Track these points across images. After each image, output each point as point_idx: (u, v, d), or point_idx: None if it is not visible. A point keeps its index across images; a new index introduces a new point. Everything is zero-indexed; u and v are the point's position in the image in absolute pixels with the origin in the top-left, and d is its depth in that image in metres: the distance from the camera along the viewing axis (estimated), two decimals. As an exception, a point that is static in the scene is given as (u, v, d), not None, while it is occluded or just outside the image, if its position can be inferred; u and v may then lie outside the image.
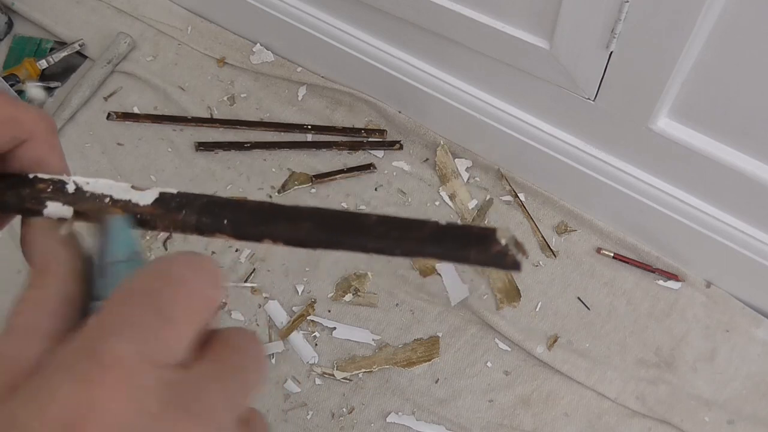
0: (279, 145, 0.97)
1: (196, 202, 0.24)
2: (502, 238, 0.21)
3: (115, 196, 0.24)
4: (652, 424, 0.77)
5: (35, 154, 0.25)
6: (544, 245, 0.87)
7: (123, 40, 1.07)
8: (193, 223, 0.24)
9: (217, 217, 0.24)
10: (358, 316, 0.86)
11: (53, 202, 0.24)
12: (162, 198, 0.24)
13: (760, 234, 0.71)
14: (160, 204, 0.24)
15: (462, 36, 0.72)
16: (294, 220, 0.23)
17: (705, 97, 0.59)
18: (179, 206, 0.24)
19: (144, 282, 0.20)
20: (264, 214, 0.24)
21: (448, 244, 0.22)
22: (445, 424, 0.79)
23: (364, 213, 0.23)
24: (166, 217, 0.24)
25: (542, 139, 0.79)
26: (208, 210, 0.24)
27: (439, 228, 0.22)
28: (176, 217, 0.24)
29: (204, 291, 0.20)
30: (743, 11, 0.49)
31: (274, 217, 0.24)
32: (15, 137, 0.24)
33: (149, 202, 0.24)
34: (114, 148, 1.01)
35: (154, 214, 0.24)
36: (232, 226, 0.24)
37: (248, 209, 0.24)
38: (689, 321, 0.80)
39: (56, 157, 0.25)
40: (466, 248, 0.22)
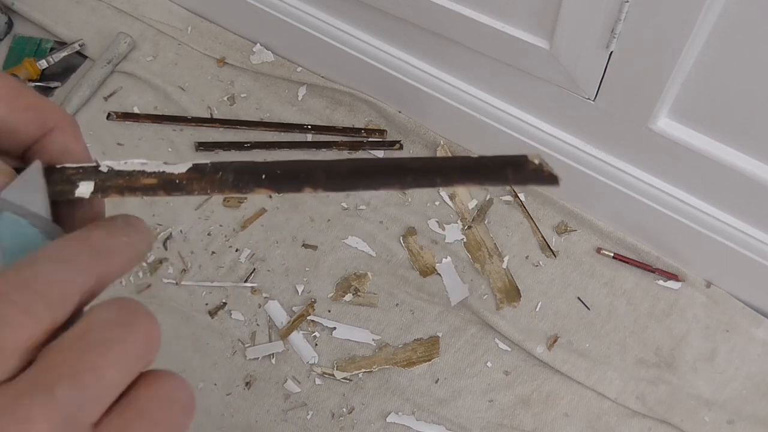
0: (279, 145, 0.97)
1: (231, 166, 0.25)
2: (534, 159, 0.22)
3: (147, 170, 0.25)
4: (652, 424, 0.77)
5: (62, 143, 0.25)
6: (544, 245, 0.87)
7: (123, 40, 1.07)
8: (231, 181, 0.24)
9: (253, 173, 0.24)
10: (358, 316, 0.86)
11: (85, 182, 0.25)
12: (196, 167, 0.25)
13: (760, 234, 0.71)
14: (195, 170, 0.25)
15: (462, 36, 0.72)
16: (330, 164, 0.24)
17: (705, 97, 0.59)
18: (215, 169, 0.25)
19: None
20: (299, 166, 0.24)
21: (485, 168, 0.23)
22: (445, 424, 0.79)
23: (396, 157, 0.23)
24: (203, 179, 0.25)
25: (542, 139, 0.79)
26: (243, 169, 0.24)
27: (472, 159, 0.23)
28: (213, 177, 0.25)
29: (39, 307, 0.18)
30: (743, 11, 0.49)
31: (311, 168, 0.24)
32: (44, 124, 0.24)
33: (184, 171, 0.25)
34: (114, 148, 1.01)
35: (192, 178, 0.25)
36: (271, 179, 0.24)
37: (284, 165, 0.24)
38: (689, 321, 0.80)
39: (82, 147, 0.26)
40: (503, 169, 0.22)
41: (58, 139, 0.25)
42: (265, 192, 0.24)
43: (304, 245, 0.90)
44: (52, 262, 0.19)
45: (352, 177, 0.24)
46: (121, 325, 0.19)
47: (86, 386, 0.18)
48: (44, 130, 0.24)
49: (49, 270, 0.19)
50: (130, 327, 0.19)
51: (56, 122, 0.25)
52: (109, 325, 0.19)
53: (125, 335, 0.19)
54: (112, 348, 0.18)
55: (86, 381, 0.18)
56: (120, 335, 0.19)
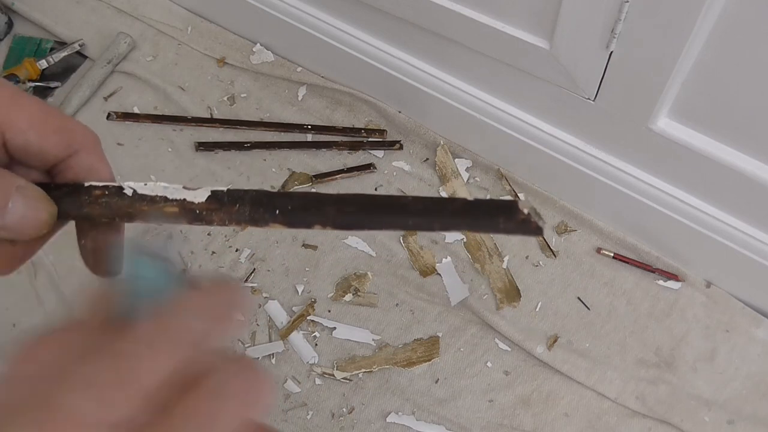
0: (279, 145, 0.97)
1: (247, 196, 0.26)
2: (524, 208, 0.24)
3: (169, 197, 0.26)
4: (652, 424, 0.77)
5: (87, 163, 0.27)
6: (544, 245, 0.87)
7: (123, 40, 1.07)
8: (247, 215, 0.26)
9: (268, 208, 0.26)
10: (358, 316, 0.86)
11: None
12: (214, 195, 0.26)
13: (760, 234, 0.70)
14: (213, 199, 0.26)
15: (462, 36, 0.72)
16: (340, 206, 0.25)
17: (705, 97, 0.59)
18: (232, 200, 0.26)
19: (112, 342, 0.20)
20: (311, 202, 0.26)
21: (478, 216, 0.25)
22: (445, 424, 0.79)
23: (399, 195, 0.25)
24: (222, 210, 0.26)
25: (542, 139, 0.79)
26: (259, 202, 0.26)
27: (468, 203, 0.25)
28: (231, 209, 0.26)
29: (169, 353, 0.20)
30: (743, 11, 0.49)
31: (321, 205, 0.25)
32: (70, 146, 0.26)
33: (203, 200, 0.26)
34: (114, 148, 1.01)
35: (211, 209, 0.26)
36: (284, 216, 0.26)
37: (296, 199, 0.26)
38: (689, 321, 0.80)
39: (106, 166, 0.27)
40: (494, 218, 0.24)
41: (83, 160, 0.26)
42: (279, 227, 0.26)
43: (304, 245, 0.90)
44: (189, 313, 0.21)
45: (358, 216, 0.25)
46: (242, 379, 0.21)
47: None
48: (70, 152, 0.26)
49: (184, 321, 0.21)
50: (248, 384, 0.21)
51: (82, 144, 0.26)
52: (230, 378, 0.20)
53: (244, 391, 0.20)
54: (230, 401, 0.20)
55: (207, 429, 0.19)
56: (239, 390, 0.20)
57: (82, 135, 0.26)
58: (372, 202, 0.25)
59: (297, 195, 0.26)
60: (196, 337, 0.21)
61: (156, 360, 0.19)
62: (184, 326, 0.21)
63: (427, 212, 0.25)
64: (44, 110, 0.25)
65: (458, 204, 0.25)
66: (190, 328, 0.21)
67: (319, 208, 0.25)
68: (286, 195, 0.26)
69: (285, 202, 0.26)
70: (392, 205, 0.25)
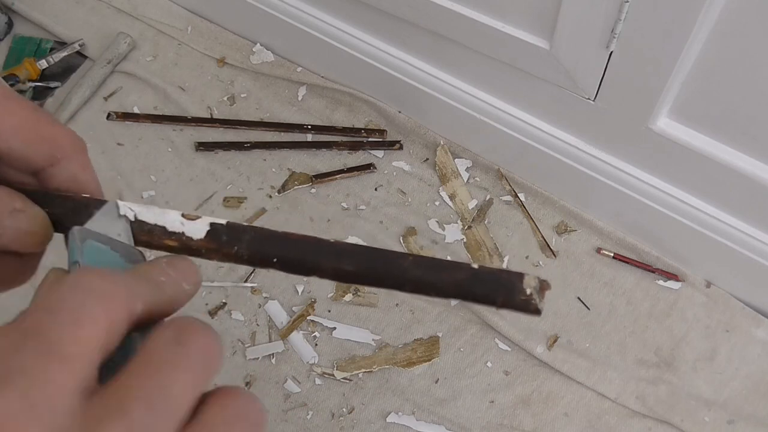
0: (279, 145, 0.97)
1: (245, 237, 0.26)
2: (527, 287, 0.23)
3: (168, 228, 0.26)
4: (652, 424, 0.77)
5: (71, 173, 0.26)
6: (544, 245, 0.87)
7: (123, 40, 1.07)
8: (245, 258, 0.26)
9: (266, 254, 0.26)
10: (358, 316, 0.86)
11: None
12: (213, 230, 0.26)
13: (760, 234, 0.71)
14: (212, 237, 0.26)
15: (462, 36, 0.72)
16: (338, 257, 0.25)
17: (705, 97, 0.59)
18: (230, 241, 0.26)
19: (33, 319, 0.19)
20: (309, 249, 0.26)
21: (478, 290, 0.24)
22: (445, 424, 0.79)
23: (401, 254, 0.25)
24: (220, 250, 0.26)
25: (542, 139, 0.79)
26: (257, 246, 0.26)
27: (473, 271, 0.24)
28: (229, 251, 0.26)
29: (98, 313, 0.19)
30: (743, 11, 0.49)
31: (319, 254, 0.25)
32: (52, 155, 0.26)
33: (202, 236, 0.26)
34: (114, 148, 1.01)
35: (210, 249, 0.26)
36: (281, 264, 0.26)
37: (295, 245, 0.26)
38: (689, 321, 0.81)
39: (90, 177, 0.27)
40: (494, 295, 0.24)
41: (67, 170, 0.26)
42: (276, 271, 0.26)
43: (304, 245, 0.90)
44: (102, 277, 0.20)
45: (355, 275, 0.25)
46: (179, 343, 0.20)
47: (158, 407, 0.18)
48: (53, 161, 0.26)
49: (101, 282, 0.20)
50: (188, 344, 0.20)
51: (66, 153, 0.26)
52: (168, 345, 0.20)
53: (185, 352, 0.20)
54: (175, 366, 0.19)
55: (157, 400, 0.18)
56: (180, 353, 0.19)
57: (68, 144, 0.26)
58: (371, 261, 0.25)
59: (296, 243, 0.26)
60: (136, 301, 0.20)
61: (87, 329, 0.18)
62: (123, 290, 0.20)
63: (425, 280, 0.24)
64: (32, 117, 0.25)
65: (459, 274, 0.24)
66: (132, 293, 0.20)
67: (316, 262, 0.25)
68: (285, 241, 0.26)
69: (283, 250, 0.25)
70: (391, 268, 0.24)
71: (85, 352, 0.18)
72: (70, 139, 0.26)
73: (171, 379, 0.19)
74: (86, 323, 0.19)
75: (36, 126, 0.25)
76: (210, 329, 0.21)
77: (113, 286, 0.20)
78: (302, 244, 0.26)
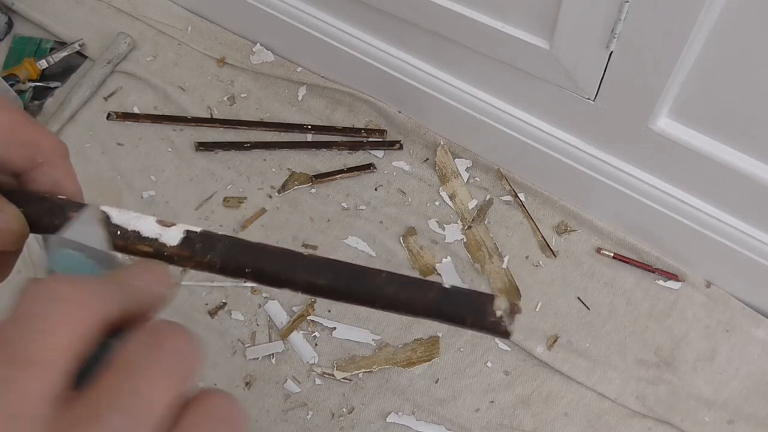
0: (279, 145, 0.97)
1: (219, 245, 0.26)
2: (497, 310, 0.24)
3: (143, 234, 0.26)
4: (652, 424, 0.77)
5: (51, 178, 0.26)
6: (544, 245, 0.87)
7: (123, 40, 1.07)
8: (218, 267, 0.26)
9: (239, 264, 0.26)
10: (358, 316, 0.86)
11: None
12: (188, 238, 0.26)
13: (760, 234, 0.71)
14: (186, 245, 0.26)
15: (462, 36, 0.72)
16: (311, 271, 0.25)
17: (705, 97, 0.59)
18: (204, 249, 0.26)
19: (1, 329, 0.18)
20: (283, 262, 0.25)
21: (448, 309, 0.24)
22: (445, 424, 0.79)
23: (375, 270, 0.25)
24: (193, 258, 0.26)
25: (542, 139, 0.79)
26: (230, 255, 0.26)
27: (443, 291, 0.24)
28: (202, 259, 0.26)
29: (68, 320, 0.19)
30: (743, 11, 0.49)
31: (292, 267, 0.25)
32: (33, 159, 0.26)
33: (176, 243, 0.26)
34: (114, 148, 1.01)
35: (183, 256, 0.26)
36: (254, 275, 0.26)
37: (268, 257, 0.26)
38: (689, 321, 0.81)
39: (70, 181, 0.27)
40: (463, 315, 0.24)
41: (48, 174, 0.26)
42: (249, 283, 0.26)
43: (304, 245, 0.90)
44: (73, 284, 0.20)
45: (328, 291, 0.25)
46: (153, 347, 0.19)
47: (133, 413, 0.18)
48: (34, 165, 0.26)
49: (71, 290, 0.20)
50: (161, 347, 0.19)
51: (48, 157, 0.26)
52: (142, 349, 0.19)
53: (159, 356, 0.19)
54: (149, 371, 0.19)
55: (132, 407, 0.18)
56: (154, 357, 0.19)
57: (50, 148, 0.26)
58: (344, 276, 0.25)
59: (270, 254, 0.26)
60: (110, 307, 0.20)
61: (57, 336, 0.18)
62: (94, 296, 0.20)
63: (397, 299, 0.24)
64: (14, 120, 0.25)
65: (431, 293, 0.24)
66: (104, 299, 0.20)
67: (289, 275, 0.25)
68: (259, 251, 0.26)
69: (257, 261, 0.25)
70: (363, 285, 0.25)
71: (54, 360, 0.18)
72: (52, 143, 0.26)
73: (145, 384, 0.18)
74: (55, 330, 0.18)
75: (17, 129, 0.25)
76: (185, 331, 0.20)
77: (83, 293, 0.19)
78: (276, 256, 0.26)
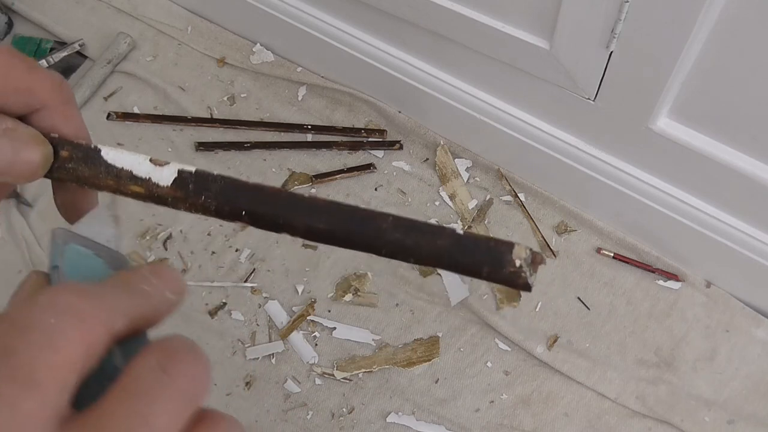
0: (279, 145, 0.97)
1: (214, 186, 0.24)
2: (517, 259, 0.21)
3: (135, 172, 0.25)
4: (652, 424, 0.77)
5: (48, 124, 0.25)
6: (544, 245, 0.86)
7: (123, 40, 1.07)
8: (213, 209, 0.24)
9: (235, 206, 0.24)
10: (358, 316, 0.86)
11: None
12: (180, 178, 0.24)
13: (760, 234, 0.70)
14: (178, 185, 0.24)
15: (462, 36, 0.72)
16: (311, 214, 0.23)
17: (705, 97, 0.59)
18: (198, 189, 0.24)
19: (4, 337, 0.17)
20: (281, 204, 0.24)
21: (461, 258, 0.22)
22: (445, 424, 0.79)
23: (380, 213, 0.23)
24: (187, 200, 0.24)
25: (542, 139, 0.79)
26: (226, 196, 0.24)
27: (456, 237, 0.22)
28: (196, 200, 0.24)
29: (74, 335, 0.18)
30: (743, 11, 0.49)
31: (291, 209, 0.23)
32: (28, 105, 0.24)
33: (168, 184, 0.24)
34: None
35: (175, 197, 0.24)
36: (250, 216, 0.24)
37: (266, 199, 0.24)
38: (689, 321, 0.80)
39: (70, 127, 0.26)
40: (479, 264, 0.21)
41: (44, 120, 0.25)
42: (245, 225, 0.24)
43: (304, 245, 0.90)
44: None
45: (328, 234, 0.23)
46: (165, 371, 0.18)
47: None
48: (30, 110, 0.25)
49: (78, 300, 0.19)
50: (173, 373, 0.19)
51: (43, 102, 0.25)
52: (152, 372, 0.18)
53: (170, 382, 0.18)
54: (159, 397, 0.18)
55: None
56: (165, 382, 0.18)
57: (47, 93, 0.24)
58: (347, 219, 0.23)
59: (268, 196, 0.24)
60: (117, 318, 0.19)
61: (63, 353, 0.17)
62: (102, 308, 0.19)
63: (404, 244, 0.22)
64: (9, 64, 0.23)
65: (442, 239, 0.22)
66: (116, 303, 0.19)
67: (288, 217, 0.23)
68: (257, 193, 0.24)
69: (253, 203, 0.24)
70: (367, 229, 0.23)
71: (59, 378, 0.17)
72: (49, 88, 0.25)
73: (154, 410, 0.18)
74: (61, 347, 0.17)
75: (12, 74, 0.24)
76: (198, 354, 0.20)
77: (91, 306, 0.18)
78: (274, 197, 0.24)
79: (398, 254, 0.22)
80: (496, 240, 0.21)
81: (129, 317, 0.20)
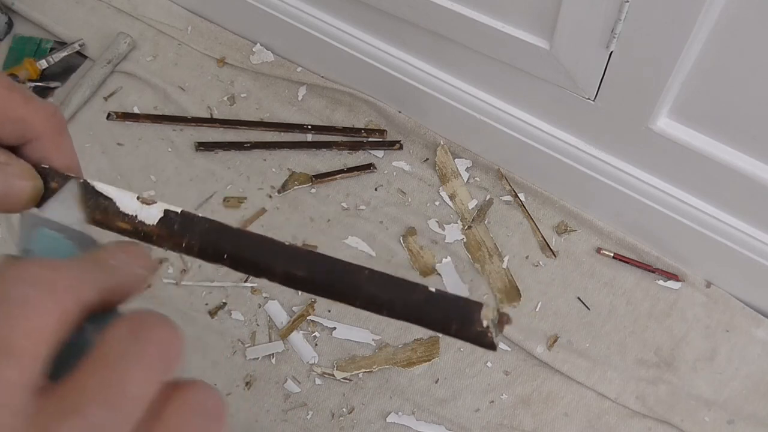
0: (279, 145, 0.97)
1: (197, 228, 0.25)
2: (485, 319, 0.22)
3: (122, 209, 0.25)
4: (652, 424, 0.77)
5: (41, 154, 0.25)
6: (544, 245, 0.87)
7: (123, 40, 1.07)
8: (196, 251, 0.25)
9: (217, 248, 0.25)
10: (358, 316, 0.86)
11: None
12: (166, 217, 0.25)
13: (760, 234, 0.71)
14: (164, 224, 0.25)
15: (462, 36, 0.72)
16: (291, 262, 0.24)
17: (705, 97, 0.59)
18: (182, 230, 0.25)
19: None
20: (262, 250, 0.25)
21: (431, 314, 0.23)
22: (445, 424, 0.79)
23: (358, 267, 0.24)
24: (171, 239, 0.25)
25: (542, 139, 0.79)
26: (209, 239, 0.25)
27: (428, 294, 0.23)
28: (180, 240, 0.25)
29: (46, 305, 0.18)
30: (743, 11, 0.49)
31: (272, 255, 0.24)
32: (22, 136, 0.25)
33: (154, 222, 0.25)
34: (114, 148, 1.01)
35: (161, 236, 0.25)
36: (231, 261, 0.25)
37: (248, 244, 0.25)
38: (689, 321, 0.81)
39: (62, 158, 0.26)
40: (449, 320, 0.22)
41: (37, 151, 0.25)
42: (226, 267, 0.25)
43: (304, 245, 0.90)
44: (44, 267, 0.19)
45: (306, 283, 0.24)
46: (136, 338, 0.19)
47: (114, 404, 0.18)
48: (23, 141, 0.25)
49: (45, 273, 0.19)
50: (144, 339, 0.19)
51: (36, 133, 0.25)
52: (124, 340, 0.19)
53: (141, 347, 0.19)
54: (132, 362, 0.18)
55: (113, 399, 0.18)
56: (137, 348, 0.19)
57: (40, 124, 0.25)
58: (325, 269, 0.24)
59: (250, 241, 0.25)
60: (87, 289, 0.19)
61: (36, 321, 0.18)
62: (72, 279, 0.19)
63: (379, 299, 0.23)
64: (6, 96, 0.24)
65: (415, 296, 0.23)
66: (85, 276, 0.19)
67: (268, 263, 0.24)
68: (238, 237, 0.25)
69: (236, 247, 0.25)
70: (344, 280, 0.24)
71: (34, 347, 0.17)
72: (43, 119, 0.25)
73: (127, 376, 0.18)
74: (35, 317, 0.18)
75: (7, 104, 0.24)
76: (168, 322, 0.20)
77: (61, 276, 0.19)
78: (256, 242, 0.25)
79: (372, 306, 0.24)
80: (466, 299, 0.23)
81: (98, 289, 0.20)
